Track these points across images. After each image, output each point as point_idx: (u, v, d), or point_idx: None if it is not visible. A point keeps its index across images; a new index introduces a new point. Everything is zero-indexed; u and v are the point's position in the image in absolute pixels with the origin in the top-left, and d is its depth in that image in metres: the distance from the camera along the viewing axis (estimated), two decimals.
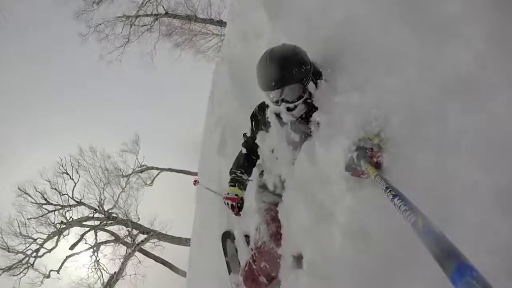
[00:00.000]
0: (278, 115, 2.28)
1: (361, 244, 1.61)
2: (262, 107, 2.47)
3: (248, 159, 2.63)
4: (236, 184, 2.52)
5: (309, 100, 2.13)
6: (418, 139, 1.58)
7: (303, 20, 2.73)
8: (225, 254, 3.33)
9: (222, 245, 3.40)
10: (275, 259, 2.13)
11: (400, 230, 1.33)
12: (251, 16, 4.08)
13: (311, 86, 2.10)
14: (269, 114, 2.35)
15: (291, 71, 2.01)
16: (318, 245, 1.85)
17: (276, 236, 2.26)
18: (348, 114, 1.89)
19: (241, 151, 2.68)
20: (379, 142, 1.68)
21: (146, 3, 16.75)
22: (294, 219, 2.09)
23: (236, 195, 2.46)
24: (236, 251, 3.15)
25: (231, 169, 2.66)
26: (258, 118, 2.49)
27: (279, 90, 2.04)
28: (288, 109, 2.11)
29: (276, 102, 2.11)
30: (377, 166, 1.62)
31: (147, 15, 17.32)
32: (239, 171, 2.59)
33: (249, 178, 2.61)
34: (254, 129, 2.56)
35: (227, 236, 3.41)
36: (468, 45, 1.53)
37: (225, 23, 12.92)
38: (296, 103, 2.09)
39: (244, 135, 2.70)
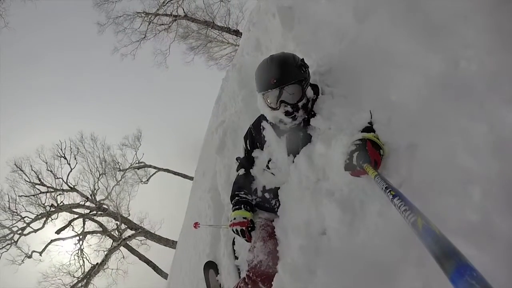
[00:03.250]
0: (275, 126, 2.26)
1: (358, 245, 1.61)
2: (257, 123, 2.44)
3: (248, 179, 2.42)
4: (242, 206, 2.29)
5: (308, 106, 2.13)
6: (419, 139, 1.59)
7: (313, 31, 2.84)
8: (208, 286, 3.25)
9: (205, 276, 3.33)
10: (271, 279, 1.91)
11: (399, 231, 1.38)
12: (266, 26, 4.18)
13: (309, 91, 2.13)
14: (266, 127, 2.33)
15: (290, 70, 2.06)
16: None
17: (275, 255, 2.03)
18: (347, 116, 1.95)
19: (238, 173, 2.52)
20: (378, 142, 1.68)
21: (167, 2, 17.04)
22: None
23: (245, 218, 2.22)
24: (220, 285, 3.08)
25: (232, 194, 2.44)
26: (254, 135, 2.45)
27: (278, 90, 2.04)
28: (287, 113, 2.07)
29: (275, 108, 2.10)
30: (377, 166, 1.61)
31: (166, 15, 17.60)
32: (242, 192, 2.37)
33: (255, 198, 2.37)
34: (249, 148, 2.49)
35: (209, 267, 3.34)
36: (470, 45, 1.56)
37: (241, 33, 13.10)
38: (295, 106, 2.07)
39: (237, 159, 2.62)
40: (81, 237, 16.77)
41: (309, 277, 1.70)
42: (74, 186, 17.47)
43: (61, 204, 16.76)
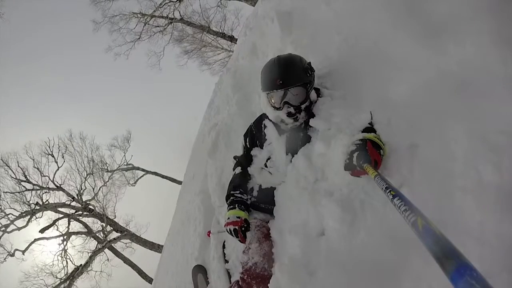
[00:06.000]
0: (276, 124, 2.27)
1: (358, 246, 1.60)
2: (259, 121, 2.46)
3: (244, 178, 2.41)
4: (236, 206, 2.24)
5: (310, 108, 2.16)
6: (419, 140, 1.61)
7: (312, 35, 2.87)
8: None
9: (193, 281, 3.29)
10: (266, 281, 1.86)
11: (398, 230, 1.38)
12: (263, 30, 4.18)
13: (313, 94, 2.17)
14: (268, 125, 2.34)
15: (297, 72, 2.10)
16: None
17: (270, 256, 2.00)
18: (347, 117, 1.95)
19: (234, 172, 2.48)
20: (379, 142, 1.69)
21: (163, 4, 17.03)
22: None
23: (238, 217, 2.17)
24: None
25: (227, 194, 2.40)
26: (254, 133, 2.46)
27: (282, 91, 2.08)
28: (289, 114, 2.11)
29: (278, 108, 2.13)
30: (377, 166, 1.61)
31: (162, 17, 17.57)
32: (237, 192, 2.33)
33: (250, 197, 2.34)
34: (248, 146, 2.50)
35: (198, 271, 3.29)
36: (470, 46, 1.59)
37: (236, 39, 13.15)
38: (298, 108, 2.10)
39: (235, 157, 2.61)
40: (65, 237, 16.46)
41: (308, 278, 1.68)
42: (60, 185, 17.17)
43: (46, 202, 16.43)
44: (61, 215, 16.76)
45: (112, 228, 17.43)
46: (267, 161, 2.33)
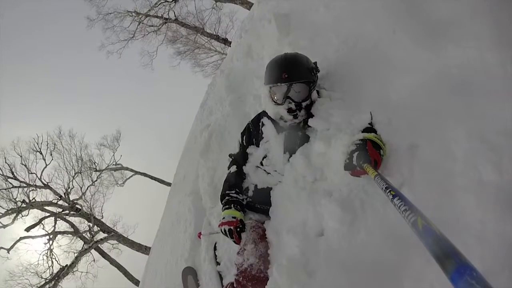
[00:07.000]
0: (275, 122, 2.29)
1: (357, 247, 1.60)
2: (257, 119, 2.46)
3: (240, 177, 2.38)
4: (232, 205, 2.20)
5: (310, 108, 2.18)
6: (420, 140, 1.62)
7: (310, 37, 2.89)
8: None
9: (183, 284, 3.26)
10: (262, 283, 1.83)
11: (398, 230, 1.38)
12: (259, 32, 4.20)
13: (314, 94, 2.19)
14: (266, 123, 2.35)
15: (302, 69, 2.15)
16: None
17: (266, 258, 1.97)
18: (346, 117, 1.97)
19: (229, 171, 2.45)
20: (379, 142, 1.69)
21: (159, 4, 16.98)
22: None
23: (234, 217, 2.14)
24: None
25: (222, 193, 2.36)
26: (251, 131, 2.46)
27: (286, 86, 2.11)
28: (290, 111, 2.12)
29: (279, 104, 2.14)
30: (377, 166, 1.62)
31: (157, 17, 17.51)
32: (232, 191, 2.30)
33: (245, 197, 2.31)
34: (245, 144, 2.49)
35: (188, 273, 3.26)
36: (470, 47, 1.61)
37: (230, 42, 13.16)
38: (299, 105, 2.12)
39: (230, 155, 2.60)
40: (51, 236, 16.16)
41: (307, 279, 1.66)
42: (47, 183, 16.86)
43: (33, 200, 16.12)
44: (47, 214, 16.46)
45: (99, 229, 17.17)
46: (263, 159, 2.32)
